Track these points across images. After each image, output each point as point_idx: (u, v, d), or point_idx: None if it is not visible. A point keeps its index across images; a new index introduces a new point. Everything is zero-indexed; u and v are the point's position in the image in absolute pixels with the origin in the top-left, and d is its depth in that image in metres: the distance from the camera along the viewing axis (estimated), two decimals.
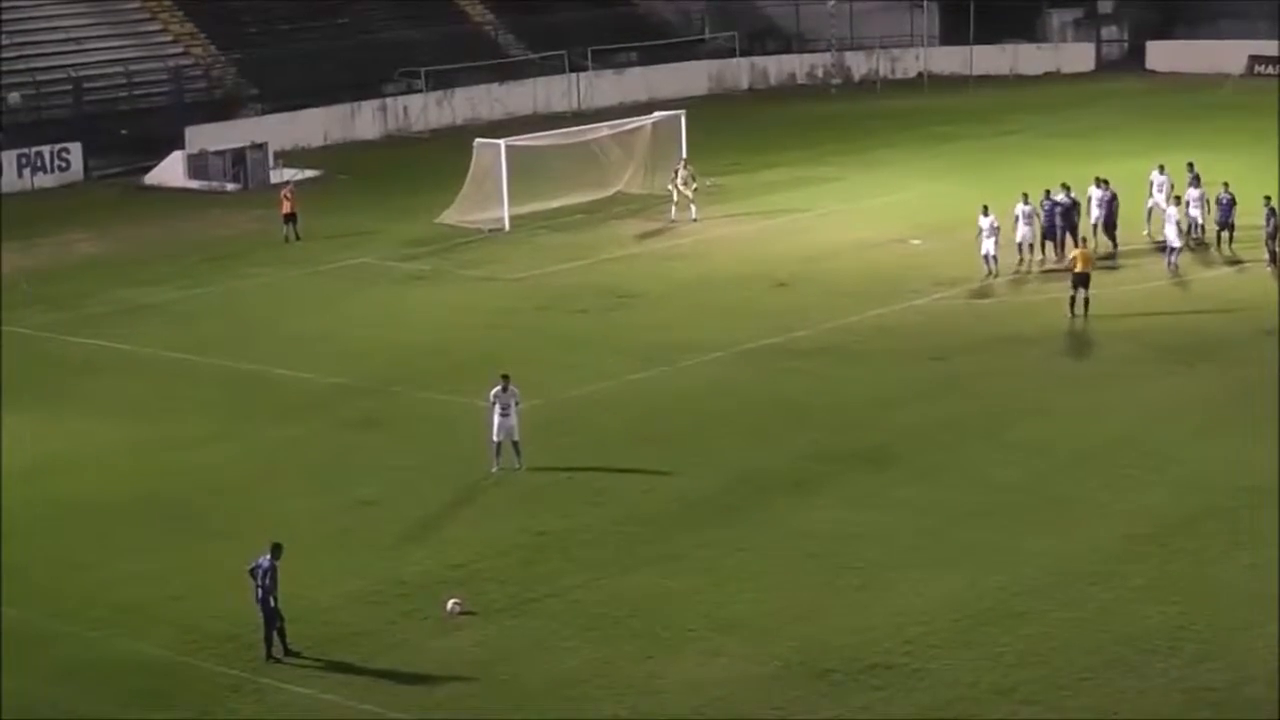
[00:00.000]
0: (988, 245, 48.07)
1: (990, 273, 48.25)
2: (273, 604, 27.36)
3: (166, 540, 32.46)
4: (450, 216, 57.89)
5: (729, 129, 73.69)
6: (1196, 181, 50.87)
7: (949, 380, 40.28)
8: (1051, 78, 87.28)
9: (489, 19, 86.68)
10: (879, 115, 78.11)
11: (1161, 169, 51.66)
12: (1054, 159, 61.24)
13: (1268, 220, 48.41)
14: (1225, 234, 49.95)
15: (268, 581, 27.38)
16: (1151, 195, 51.38)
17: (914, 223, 55.24)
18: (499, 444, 34.86)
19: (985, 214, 48.24)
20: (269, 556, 27.62)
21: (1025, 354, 42.14)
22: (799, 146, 70.15)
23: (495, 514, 33.16)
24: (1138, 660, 26.47)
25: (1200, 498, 32.70)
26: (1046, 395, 39.03)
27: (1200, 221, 50.08)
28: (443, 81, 79.27)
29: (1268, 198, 48.71)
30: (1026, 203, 49.00)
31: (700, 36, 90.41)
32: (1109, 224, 50.13)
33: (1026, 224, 48.82)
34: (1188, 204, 50.25)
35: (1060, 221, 49.32)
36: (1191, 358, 41.11)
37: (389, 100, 78.51)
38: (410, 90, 79.08)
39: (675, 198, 57.57)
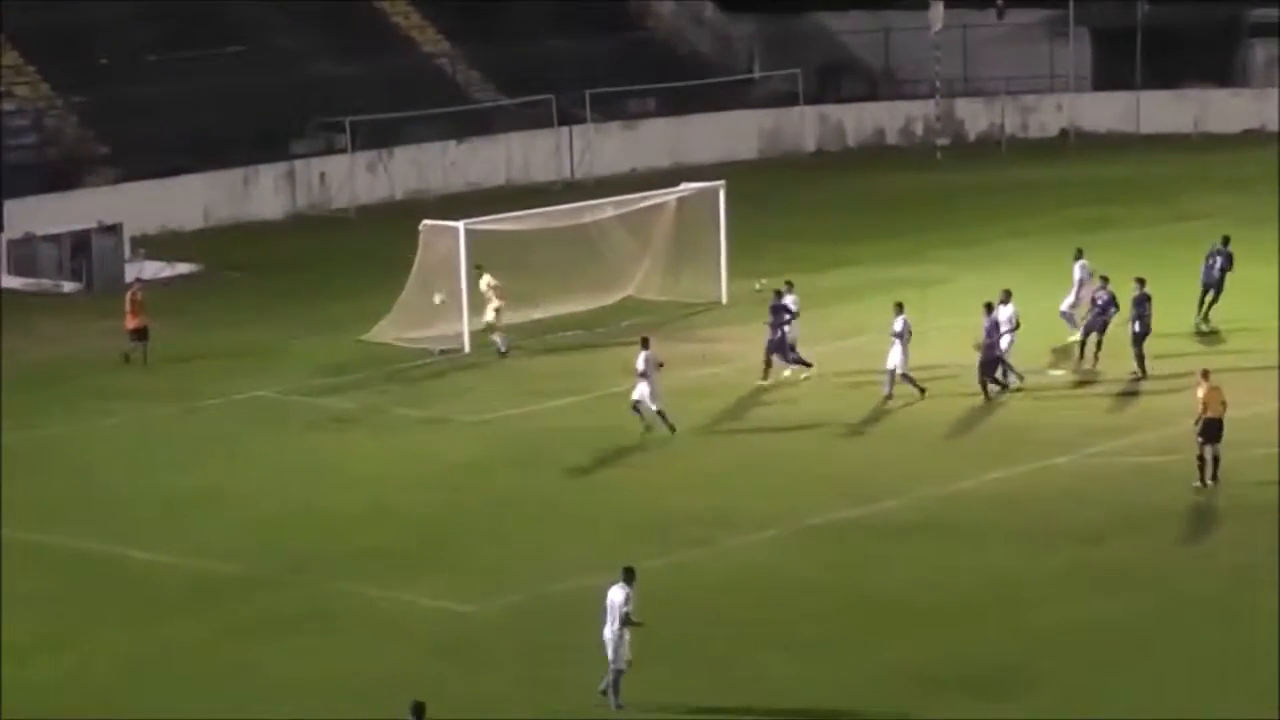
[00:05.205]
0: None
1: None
2: None
3: None
4: (385, 332, 58.23)
5: (787, 208, 74.16)
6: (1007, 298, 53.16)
7: (1106, 572, 40.40)
8: (1254, 137, 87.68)
9: (444, 49, 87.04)
10: (1003, 190, 78.59)
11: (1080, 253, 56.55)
12: (1249, 259, 61.14)
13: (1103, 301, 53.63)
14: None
15: None
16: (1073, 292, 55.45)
17: (1051, 345, 55.56)
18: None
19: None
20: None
21: (1218, 533, 42.30)
22: (887, 235, 70.61)
23: None
24: None
25: None
26: (1251, 594, 39.03)
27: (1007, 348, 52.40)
28: (377, 137, 79.76)
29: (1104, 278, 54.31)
30: (901, 312, 51.74)
31: (748, 75, 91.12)
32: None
33: (900, 343, 51.61)
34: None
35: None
36: None
37: (299, 163, 78.97)
38: (331, 149, 79.52)
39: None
